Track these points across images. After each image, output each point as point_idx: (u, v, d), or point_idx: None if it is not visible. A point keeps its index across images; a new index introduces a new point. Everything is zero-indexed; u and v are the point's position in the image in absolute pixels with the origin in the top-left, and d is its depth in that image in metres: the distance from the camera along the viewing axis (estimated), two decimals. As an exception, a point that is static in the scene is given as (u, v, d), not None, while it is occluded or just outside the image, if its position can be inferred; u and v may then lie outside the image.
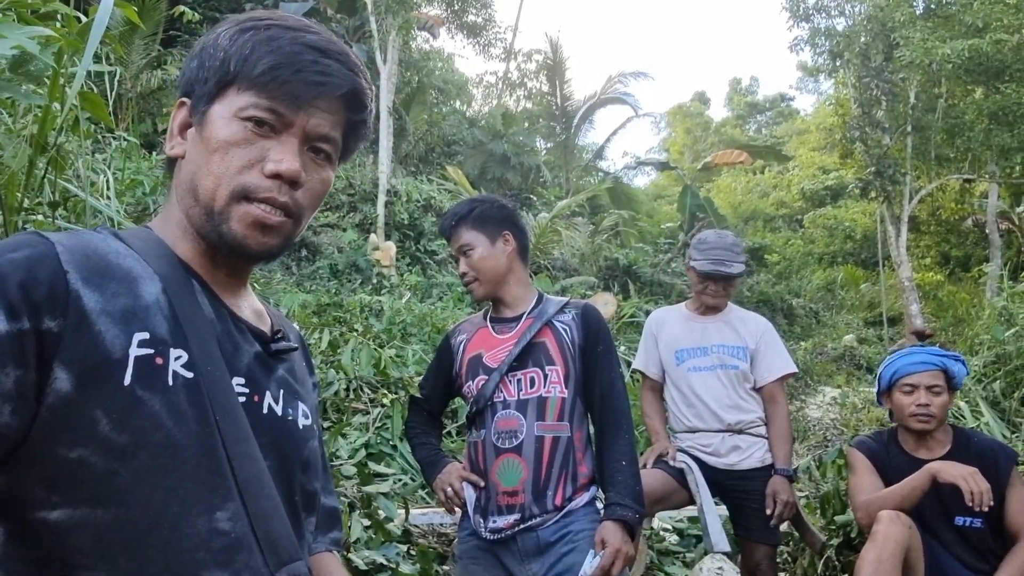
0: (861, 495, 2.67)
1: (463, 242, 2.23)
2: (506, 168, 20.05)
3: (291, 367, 1.06)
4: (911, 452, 2.72)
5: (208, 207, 0.92)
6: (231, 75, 0.92)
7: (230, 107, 0.92)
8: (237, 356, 0.94)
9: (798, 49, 19.59)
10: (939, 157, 17.61)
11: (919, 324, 16.48)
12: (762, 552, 2.97)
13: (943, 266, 23.63)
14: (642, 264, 16.90)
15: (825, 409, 10.43)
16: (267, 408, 0.96)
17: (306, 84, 0.91)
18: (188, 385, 0.85)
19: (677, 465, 3.03)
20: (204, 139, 0.93)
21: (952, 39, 14.97)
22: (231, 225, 0.92)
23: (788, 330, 17.73)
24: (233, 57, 0.92)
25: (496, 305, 2.29)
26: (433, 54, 25.17)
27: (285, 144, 0.92)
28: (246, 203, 0.91)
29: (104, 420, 0.78)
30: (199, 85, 0.95)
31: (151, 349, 0.83)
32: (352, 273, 12.45)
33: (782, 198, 31.99)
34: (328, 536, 1.17)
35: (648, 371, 3.28)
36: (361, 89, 0.97)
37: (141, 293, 0.86)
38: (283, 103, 0.91)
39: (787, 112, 44.39)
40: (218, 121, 0.92)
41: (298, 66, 0.91)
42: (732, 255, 3.10)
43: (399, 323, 7.67)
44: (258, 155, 0.91)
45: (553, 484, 2.08)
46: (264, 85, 0.91)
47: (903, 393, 2.72)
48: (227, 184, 0.91)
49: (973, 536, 2.57)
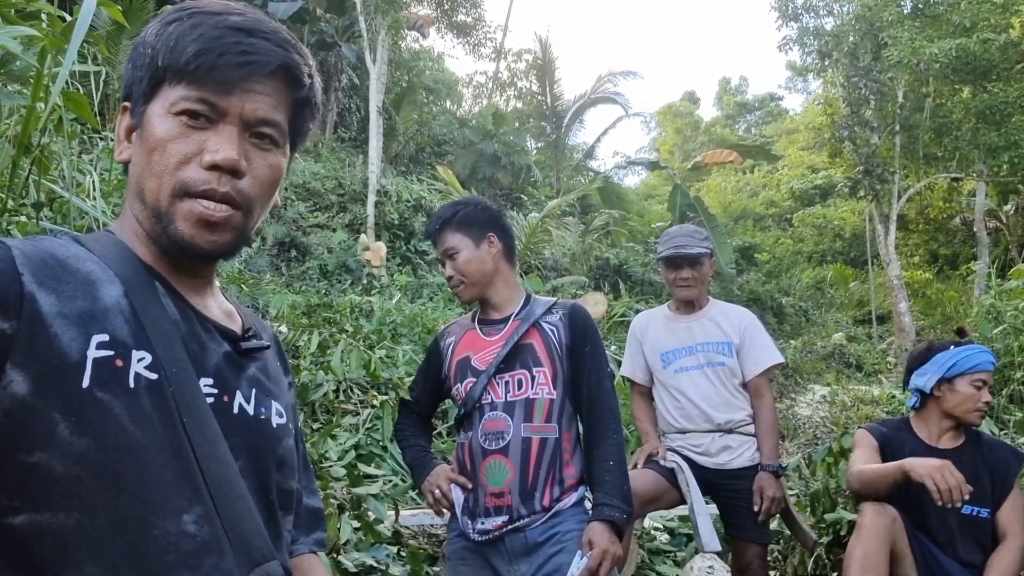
0: (856, 464, 2.69)
1: (448, 245, 2.22)
2: (496, 168, 20.04)
3: (263, 365, 1.04)
4: (927, 440, 2.74)
5: (155, 208, 0.90)
6: (160, 70, 0.90)
7: (163, 103, 0.90)
8: (204, 356, 0.93)
9: (787, 49, 19.68)
10: (927, 156, 17.72)
11: (907, 323, 16.58)
12: (753, 551, 2.97)
13: (931, 264, 23.77)
14: (632, 263, 16.93)
15: (815, 407, 10.47)
16: (237, 408, 0.94)
17: (231, 67, 0.88)
18: (151, 387, 0.83)
19: (668, 465, 3.02)
20: (144, 140, 0.91)
21: (939, 38, 15.06)
22: (177, 226, 0.90)
23: (778, 328, 17.79)
24: (160, 51, 0.90)
25: (484, 307, 2.29)
26: (423, 54, 25.16)
27: (221, 133, 0.90)
28: (188, 200, 0.89)
29: (63, 424, 0.76)
30: (135, 86, 0.93)
31: (110, 351, 0.81)
32: (342, 273, 12.43)
33: (771, 197, 32.12)
34: (311, 537, 1.16)
35: (635, 377, 3.28)
36: (294, 64, 0.94)
37: (100, 296, 0.85)
38: (212, 90, 0.89)
39: (776, 112, 44.55)
40: (154, 120, 0.90)
41: (221, 49, 0.88)
42: (693, 239, 3.12)
43: (389, 324, 7.65)
44: (195, 148, 0.89)
45: (540, 485, 2.07)
46: (191, 75, 0.88)
47: (974, 387, 2.71)
48: (168, 182, 0.89)
49: (979, 525, 2.60)
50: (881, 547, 2.44)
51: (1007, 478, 2.56)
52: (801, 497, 4.10)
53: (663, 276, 3.26)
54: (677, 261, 3.11)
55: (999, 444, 2.75)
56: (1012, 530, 2.54)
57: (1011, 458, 2.65)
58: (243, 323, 1.05)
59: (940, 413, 2.75)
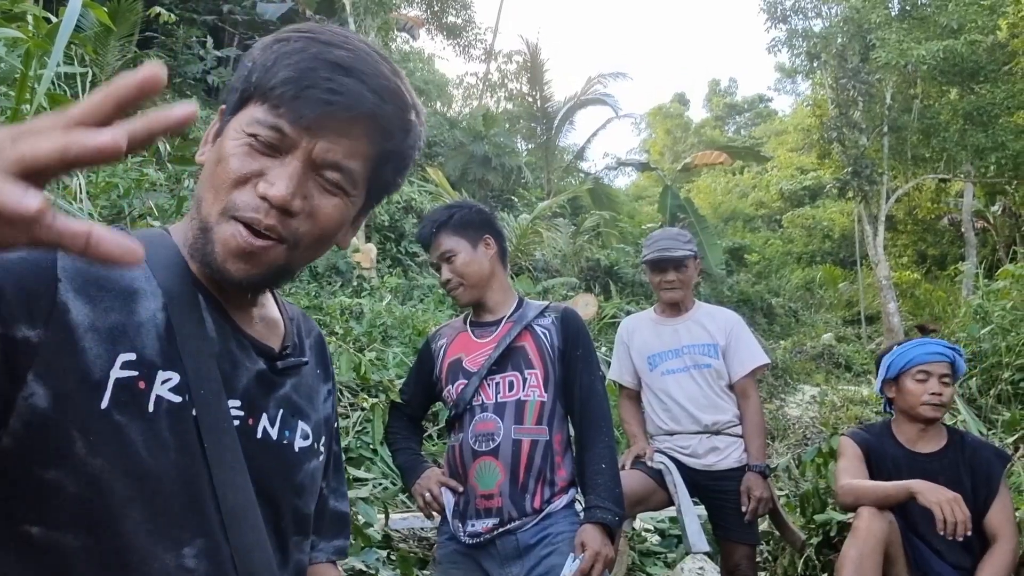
0: (844, 476, 2.68)
1: (445, 248, 2.21)
2: (487, 169, 20.03)
3: (299, 382, 1.01)
4: (907, 445, 2.73)
5: (204, 222, 0.86)
6: (252, 87, 0.86)
7: (244, 119, 0.86)
8: (235, 376, 0.91)
9: (776, 50, 19.81)
10: (915, 157, 17.84)
11: (896, 323, 16.67)
12: (741, 552, 2.98)
13: (920, 265, 23.92)
14: (623, 265, 16.95)
15: (804, 408, 10.51)
16: (261, 432, 0.92)
17: (311, 102, 0.82)
18: (172, 411, 0.81)
19: (655, 466, 3.03)
20: (217, 150, 0.88)
21: (927, 40, 15.17)
22: (215, 247, 0.85)
23: (768, 329, 17.85)
24: (257, 68, 0.86)
25: (477, 309, 2.28)
26: (413, 55, 25.15)
27: (285, 167, 0.84)
28: (233, 222, 0.84)
29: (80, 442, 0.75)
30: (230, 95, 0.91)
31: (135, 371, 0.79)
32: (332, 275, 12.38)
33: (761, 198, 32.26)
34: (332, 543, 1.13)
35: (623, 380, 3.29)
36: (383, 114, 0.86)
37: (137, 309, 0.82)
38: (287, 121, 0.83)
39: (765, 113, 44.79)
40: (231, 133, 0.87)
41: (309, 81, 0.82)
42: (677, 242, 3.13)
43: (380, 326, 7.62)
44: (256, 170, 0.84)
45: (531, 487, 2.07)
46: (274, 100, 0.84)
47: (916, 381, 2.71)
48: (221, 198, 0.85)
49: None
50: (876, 549, 2.43)
51: (991, 480, 2.54)
52: (791, 498, 4.11)
53: (648, 279, 3.28)
54: (662, 264, 3.12)
55: (982, 445, 2.73)
56: (1002, 532, 2.53)
57: (994, 459, 2.63)
58: (283, 337, 1.01)
59: (902, 414, 2.77)
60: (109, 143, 0.46)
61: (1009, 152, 15.53)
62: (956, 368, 2.74)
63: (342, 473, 1.19)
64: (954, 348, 2.78)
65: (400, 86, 0.90)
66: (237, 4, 16.48)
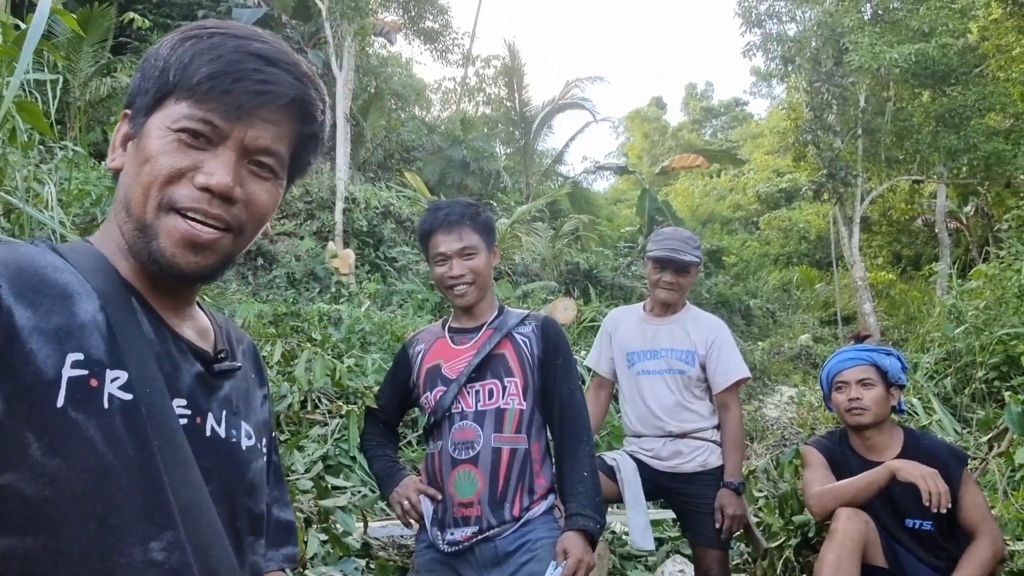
0: (814, 486, 2.69)
1: (468, 244, 2.15)
2: (465, 173, 20.04)
3: (236, 385, 1.02)
4: (863, 455, 2.74)
5: (139, 220, 0.87)
6: (170, 85, 0.88)
7: (166, 118, 0.88)
8: (178, 377, 0.91)
9: (751, 54, 19.96)
10: (889, 159, 18.04)
11: (872, 323, 16.85)
12: (712, 556, 2.97)
13: (895, 265, 24.19)
14: (602, 268, 17.00)
15: (782, 408, 10.58)
16: (210, 431, 0.93)
17: (246, 94, 0.87)
18: (125, 408, 0.81)
19: (608, 462, 3.03)
20: (138, 150, 0.89)
21: (899, 44, 15.35)
22: (160, 242, 0.87)
23: (746, 330, 17.99)
24: (173, 66, 0.88)
25: (461, 315, 2.26)
26: (391, 60, 25.08)
27: (219, 157, 0.88)
28: (174, 215, 0.87)
29: (35, 444, 0.74)
30: (140, 96, 0.91)
31: (85, 370, 0.79)
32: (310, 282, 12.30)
33: (738, 201, 32.50)
34: (280, 552, 1.14)
35: (599, 368, 3.28)
36: (309, 99, 0.93)
37: (77, 311, 0.82)
38: (219, 114, 0.87)
39: (741, 116, 45.15)
40: (153, 132, 0.88)
41: (238, 75, 0.87)
42: (687, 246, 3.10)
43: (358, 332, 7.59)
44: (190, 165, 0.87)
45: (510, 495, 2.06)
46: (202, 95, 0.86)
47: (837, 391, 2.78)
48: (155, 194, 0.87)
49: (924, 537, 2.60)
50: (855, 551, 2.44)
51: (950, 482, 2.49)
52: (770, 499, 4.12)
53: (647, 272, 3.24)
54: (666, 263, 3.09)
55: (938, 449, 2.70)
56: (980, 527, 2.53)
57: (950, 460, 2.62)
58: (215, 342, 1.02)
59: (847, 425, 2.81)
60: None
61: (981, 153, 15.75)
62: (883, 369, 2.74)
63: (283, 482, 1.21)
64: (877, 349, 2.79)
65: (314, 72, 0.96)
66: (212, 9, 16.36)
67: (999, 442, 3.55)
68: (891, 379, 2.75)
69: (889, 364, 2.74)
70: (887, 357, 2.76)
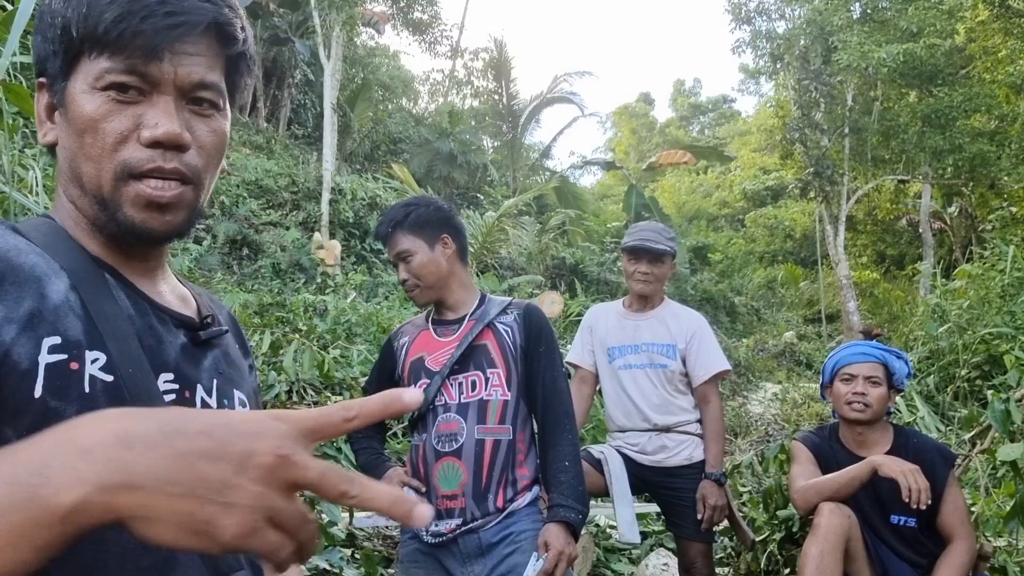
0: (799, 481, 2.70)
1: (401, 248, 2.16)
2: (452, 166, 19.99)
3: (224, 351, 0.98)
4: (852, 450, 2.75)
5: (97, 194, 0.83)
6: (76, 41, 0.81)
7: (86, 78, 0.81)
8: (162, 350, 0.87)
9: (740, 51, 20.01)
10: (875, 158, 18.16)
11: (855, 321, 16.96)
12: (696, 549, 2.99)
13: (879, 264, 24.38)
14: (588, 263, 17.03)
15: (767, 405, 10.65)
16: (200, 403, 0.89)
17: (158, 30, 0.79)
18: (108, 389, 0.78)
19: (596, 455, 3.04)
20: (71, 121, 0.83)
21: (887, 43, 15.44)
22: (125, 212, 0.83)
23: (730, 327, 18.05)
24: (72, 20, 0.80)
25: (438, 308, 2.25)
26: (379, 51, 24.97)
27: (157, 105, 0.82)
28: (133, 182, 0.82)
29: (14, 439, 0.69)
30: (50, 61, 0.84)
31: (64, 354, 0.75)
32: (295, 272, 12.25)
33: (724, 198, 32.62)
34: None
35: (582, 362, 3.27)
36: (226, 19, 0.86)
37: (48, 293, 0.77)
38: (140, 58, 0.80)
39: (729, 114, 45.30)
40: (79, 97, 0.82)
41: (143, 12, 0.79)
42: (660, 236, 3.12)
43: (344, 323, 7.56)
44: (131, 124, 0.82)
45: (494, 487, 2.05)
46: (113, 43, 0.79)
47: (842, 382, 2.76)
48: (108, 165, 0.82)
49: (907, 534, 2.62)
50: (837, 545, 2.45)
51: (936, 481, 2.51)
52: (754, 494, 4.14)
53: (623, 266, 3.26)
54: (639, 253, 3.10)
55: (927, 447, 2.71)
56: (958, 532, 2.55)
57: (938, 460, 2.63)
58: (199, 308, 0.98)
59: (840, 418, 2.81)
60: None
61: (966, 154, 15.89)
62: (891, 370, 2.75)
63: None
64: (890, 350, 2.79)
65: None
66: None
67: (982, 439, 3.57)
68: (895, 382, 2.76)
69: (898, 367, 2.75)
70: (898, 360, 2.77)
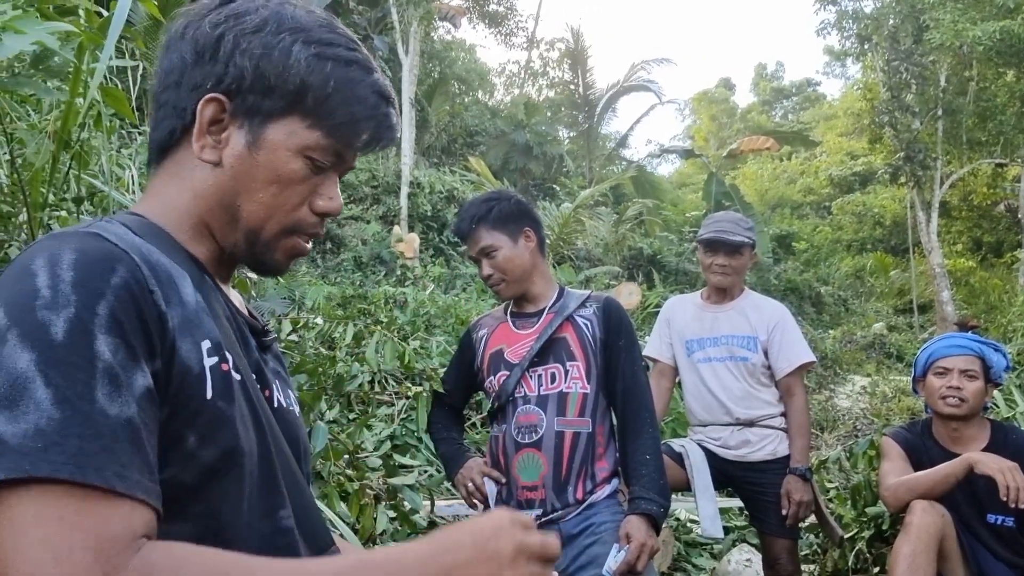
0: (889, 478, 2.61)
1: (485, 244, 2.17)
2: (528, 158, 20.01)
3: (276, 354, 1.04)
4: (947, 446, 2.64)
5: (253, 235, 0.90)
6: (307, 108, 0.87)
7: (294, 139, 0.87)
8: (248, 353, 0.92)
9: (825, 33, 19.38)
10: (970, 141, 17.34)
11: (950, 311, 16.27)
12: (780, 545, 2.92)
13: (975, 252, 23.26)
14: (666, 253, 16.83)
15: (855, 399, 10.32)
16: (276, 402, 0.95)
17: (382, 141, 0.94)
18: (242, 388, 0.83)
19: (676, 449, 3.00)
20: (260, 164, 0.87)
21: (983, 20, 14.68)
22: (276, 256, 0.93)
23: (816, 318, 17.56)
24: (311, 89, 0.87)
25: (518, 300, 2.26)
26: (455, 44, 25.15)
27: (332, 180, 0.94)
28: (295, 236, 0.93)
29: (192, 438, 0.75)
30: (254, 95, 0.86)
31: (216, 357, 0.79)
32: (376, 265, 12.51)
33: (809, 184, 31.61)
34: None
35: (660, 356, 3.23)
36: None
37: (184, 297, 0.80)
38: (350, 151, 0.92)
39: (814, 97, 43.83)
40: (281, 153, 0.87)
41: (379, 122, 0.92)
42: (737, 227, 3.04)
43: (423, 315, 7.67)
44: (310, 191, 0.92)
45: (573, 479, 2.07)
46: (341, 134, 0.90)
47: (936, 376, 2.65)
48: (280, 219, 0.91)
49: (1005, 534, 2.51)
50: (930, 545, 2.36)
51: None
52: (841, 490, 4.03)
53: (700, 259, 3.21)
54: (715, 246, 3.04)
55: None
56: None
57: None
58: (250, 313, 1.03)
59: (934, 413, 2.70)
60: None
61: (1069, 135, 15.00)
62: (988, 364, 2.62)
63: None
64: (987, 342, 2.67)
65: None
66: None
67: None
68: (992, 376, 2.63)
69: (996, 360, 2.63)
70: (995, 353, 2.65)
